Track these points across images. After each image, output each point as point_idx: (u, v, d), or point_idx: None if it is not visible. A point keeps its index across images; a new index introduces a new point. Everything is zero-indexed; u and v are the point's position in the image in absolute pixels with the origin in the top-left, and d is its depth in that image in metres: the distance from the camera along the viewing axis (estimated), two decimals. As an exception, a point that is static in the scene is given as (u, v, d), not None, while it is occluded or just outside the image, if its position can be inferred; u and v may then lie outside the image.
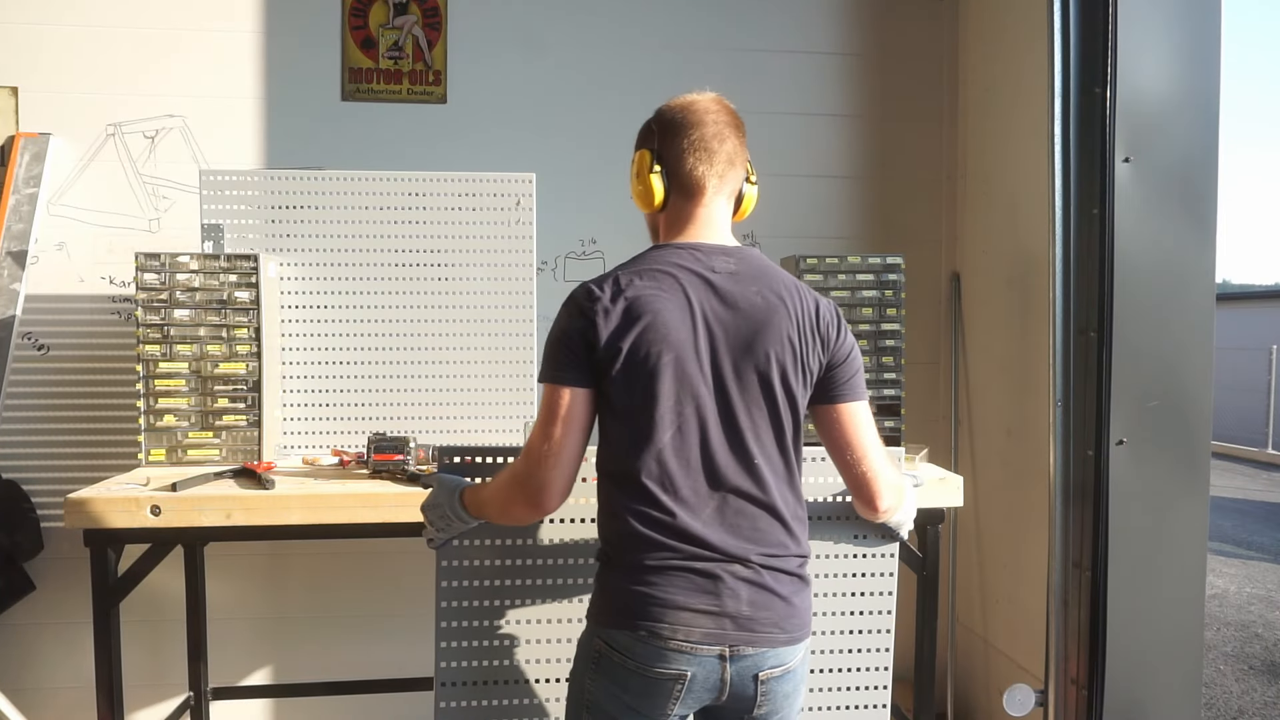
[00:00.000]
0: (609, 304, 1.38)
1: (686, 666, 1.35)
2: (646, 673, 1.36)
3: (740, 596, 1.36)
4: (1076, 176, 2.36)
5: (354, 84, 3.03)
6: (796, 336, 1.42)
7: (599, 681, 1.42)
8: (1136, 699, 2.34)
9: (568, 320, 1.41)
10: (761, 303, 1.41)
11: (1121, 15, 2.27)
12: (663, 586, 1.36)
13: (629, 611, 1.37)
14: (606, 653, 1.41)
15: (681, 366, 1.37)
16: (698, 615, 1.35)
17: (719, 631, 1.35)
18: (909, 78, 3.28)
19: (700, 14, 3.16)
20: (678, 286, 1.40)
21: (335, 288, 2.67)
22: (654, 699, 1.37)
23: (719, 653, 1.35)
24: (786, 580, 1.41)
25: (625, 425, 1.39)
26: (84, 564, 2.11)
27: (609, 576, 1.43)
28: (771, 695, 1.40)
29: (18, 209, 2.81)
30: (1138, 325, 2.31)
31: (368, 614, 3.07)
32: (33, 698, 2.90)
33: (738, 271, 1.43)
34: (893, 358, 2.66)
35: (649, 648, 1.35)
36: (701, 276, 1.41)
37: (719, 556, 1.36)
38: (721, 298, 1.40)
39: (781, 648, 1.39)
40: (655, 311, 1.37)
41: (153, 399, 2.43)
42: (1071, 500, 2.39)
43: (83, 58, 2.90)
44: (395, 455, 2.31)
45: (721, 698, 1.39)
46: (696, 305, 1.39)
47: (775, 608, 1.38)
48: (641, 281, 1.40)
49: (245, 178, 2.64)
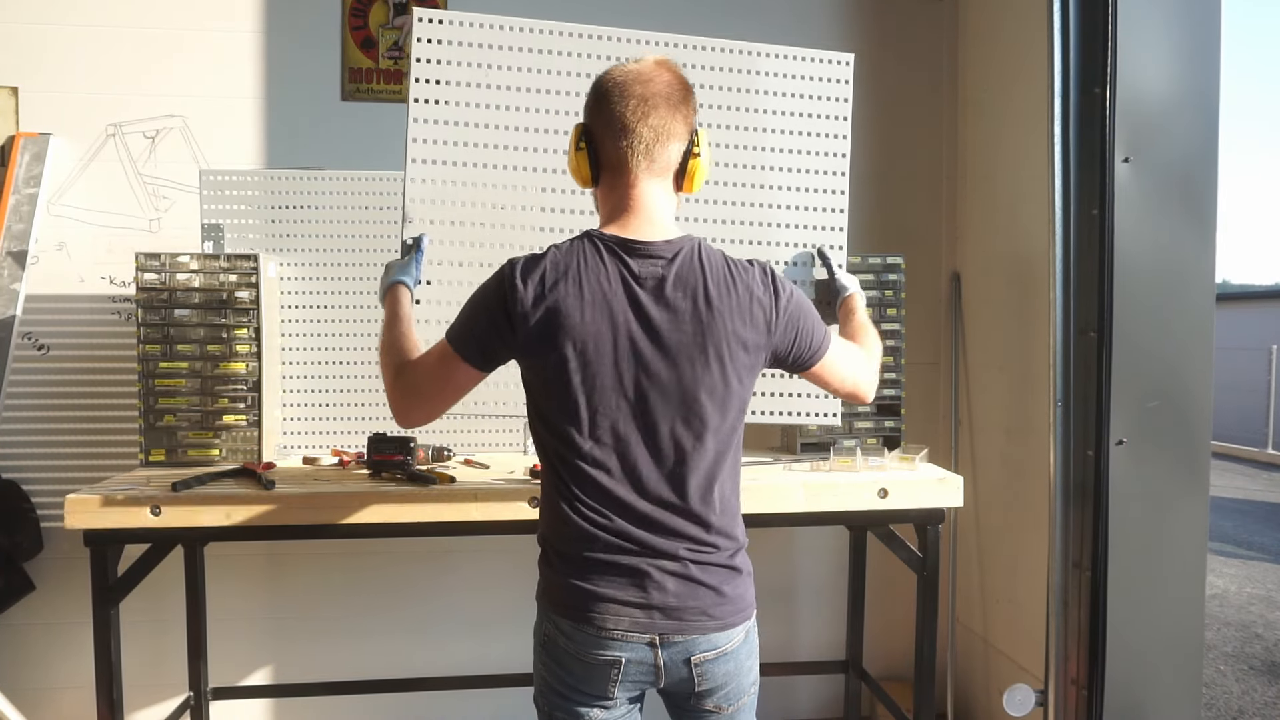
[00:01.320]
0: (529, 307, 1.39)
1: (620, 653, 1.43)
2: (584, 657, 1.44)
3: (667, 589, 1.43)
4: (1076, 176, 2.36)
5: (354, 84, 3.03)
6: (728, 338, 1.43)
7: (548, 664, 1.49)
8: (1136, 699, 2.34)
9: (492, 298, 1.43)
10: (689, 309, 1.41)
11: (1121, 15, 2.27)
12: (596, 580, 1.43)
13: (569, 603, 1.45)
14: (553, 635, 1.48)
15: (598, 378, 1.40)
16: (627, 607, 1.42)
17: (648, 621, 1.42)
18: (909, 78, 3.28)
19: (700, 14, 3.16)
20: (601, 297, 1.39)
21: (335, 288, 2.67)
22: (594, 681, 1.45)
23: (649, 640, 1.43)
24: (716, 571, 1.46)
25: (553, 426, 1.44)
26: (84, 564, 2.11)
27: (549, 568, 1.49)
28: (709, 675, 1.47)
29: (18, 209, 2.81)
30: (1138, 325, 2.31)
31: (368, 614, 3.07)
32: (33, 698, 2.90)
33: (664, 277, 1.42)
34: (893, 358, 2.66)
35: (586, 635, 1.43)
36: (627, 286, 1.41)
37: (647, 553, 1.43)
38: (646, 310, 1.40)
39: (712, 634, 1.46)
40: (574, 322, 1.38)
41: (153, 399, 2.43)
42: (1071, 500, 2.39)
43: (83, 58, 2.90)
44: (395, 455, 2.31)
45: (660, 681, 1.46)
46: (620, 318, 1.40)
47: (703, 597, 1.45)
48: (565, 286, 1.39)
49: (245, 178, 2.64)
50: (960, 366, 3.25)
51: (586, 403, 1.40)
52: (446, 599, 3.11)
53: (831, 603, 3.22)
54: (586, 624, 1.42)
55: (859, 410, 2.65)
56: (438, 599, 3.11)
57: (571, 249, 1.43)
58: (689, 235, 1.48)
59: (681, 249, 1.44)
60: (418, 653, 3.10)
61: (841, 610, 3.10)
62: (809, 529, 3.20)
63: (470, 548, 3.09)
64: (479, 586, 3.12)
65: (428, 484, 2.21)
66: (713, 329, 1.42)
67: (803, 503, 2.27)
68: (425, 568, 3.09)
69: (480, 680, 2.98)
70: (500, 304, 1.40)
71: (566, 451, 1.43)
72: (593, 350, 1.39)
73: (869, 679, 3.01)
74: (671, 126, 1.45)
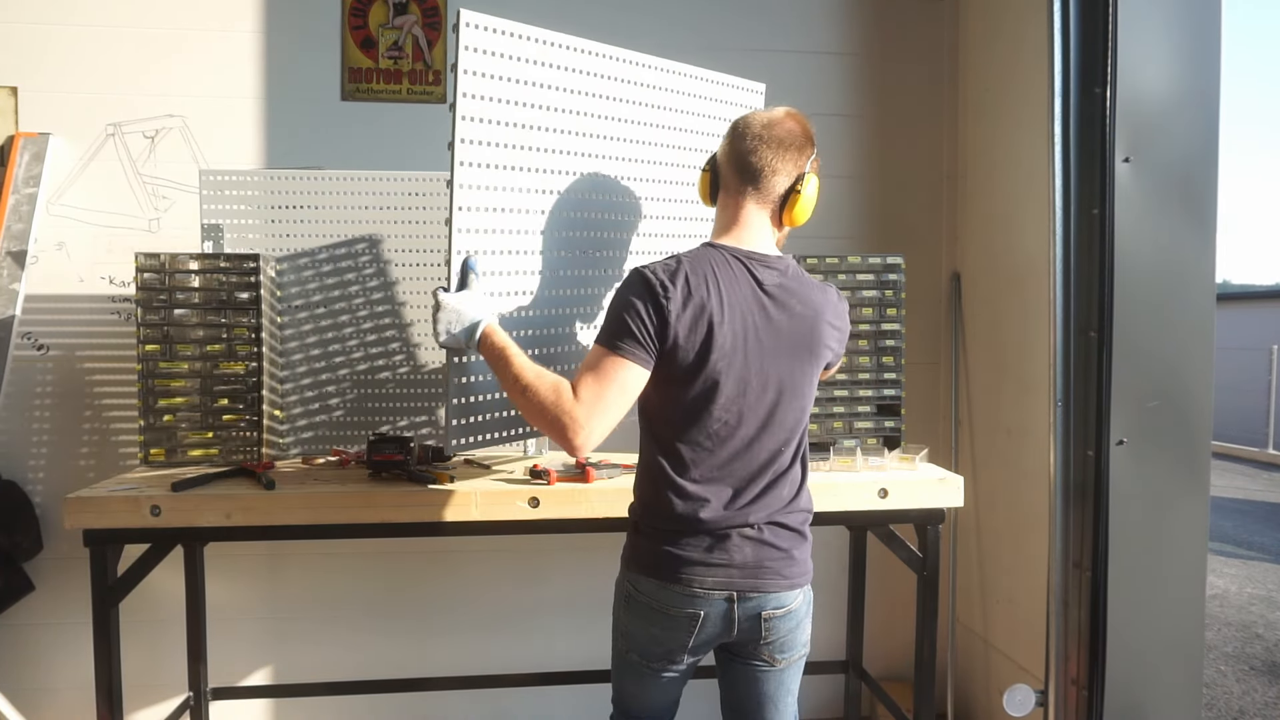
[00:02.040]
0: (680, 304, 1.57)
1: (700, 608, 1.64)
2: (667, 611, 1.65)
3: (745, 551, 1.64)
4: (1076, 176, 2.36)
5: (354, 84, 3.03)
6: (822, 341, 1.69)
7: (632, 618, 1.71)
8: (1136, 699, 2.34)
9: (645, 298, 1.58)
10: (802, 311, 1.66)
11: (1121, 15, 2.27)
12: (682, 545, 1.63)
13: (655, 564, 1.66)
14: (634, 594, 1.69)
15: (733, 369, 1.61)
16: (710, 568, 1.63)
17: (727, 580, 1.63)
18: (909, 78, 3.28)
19: (700, 14, 3.16)
20: (735, 297, 1.63)
21: (336, 288, 2.67)
22: (675, 633, 1.66)
23: (727, 596, 1.64)
24: (787, 536, 1.68)
25: (677, 413, 1.63)
26: (84, 564, 2.11)
27: (640, 536, 1.70)
28: (775, 630, 1.69)
29: (17, 209, 2.81)
30: (1138, 325, 2.31)
31: (368, 614, 3.07)
32: (33, 698, 2.90)
33: (782, 284, 1.67)
34: (893, 358, 2.66)
35: (669, 593, 1.64)
36: (755, 289, 1.65)
37: (734, 521, 1.63)
38: (768, 310, 1.65)
39: (783, 592, 1.68)
40: (716, 319, 1.59)
41: (153, 399, 2.43)
42: (1071, 500, 2.39)
43: (82, 58, 2.90)
44: (395, 455, 2.30)
45: (733, 633, 1.67)
46: (750, 316, 1.63)
47: (776, 560, 1.66)
48: (708, 286, 1.60)
49: (245, 178, 2.64)
50: (960, 366, 3.25)
51: (720, 390, 1.60)
52: (446, 599, 3.11)
53: (831, 603, 3.22)
54: (674, 583, 1.64)
55: (859, 410, 2.65)
56: (437, 599, 3.11)
57: (702, 254, 1.65)
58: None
59: (789, 264, 1.71)
60: (417, 653, 3.10)
61: (841, 610, 3.10)
62: (809, 529, 3.20)
63: (470, 548, 3.09)
64: (479, 587, 3.12)
65: (428, 484, 2.21)
66: (816, 333, 1.68)
67: (803, 503, 2.27)
68: (425, 568, 3.09)
69: (480, 680, 2.98)
70: (654, 301, 1.57)
71: (692, 433, 1.62)
72: (730, 343, 1.60)
73: (869, 679, 3.01)
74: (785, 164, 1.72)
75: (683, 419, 1.61)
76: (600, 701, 2.78)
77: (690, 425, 1.61)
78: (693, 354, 1.58)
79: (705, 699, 2.12)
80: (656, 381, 1.60)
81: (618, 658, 1.79)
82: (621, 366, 1.56)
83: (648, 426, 1.69)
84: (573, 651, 3.14)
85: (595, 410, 1.54)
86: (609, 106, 2.11)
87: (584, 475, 2.28)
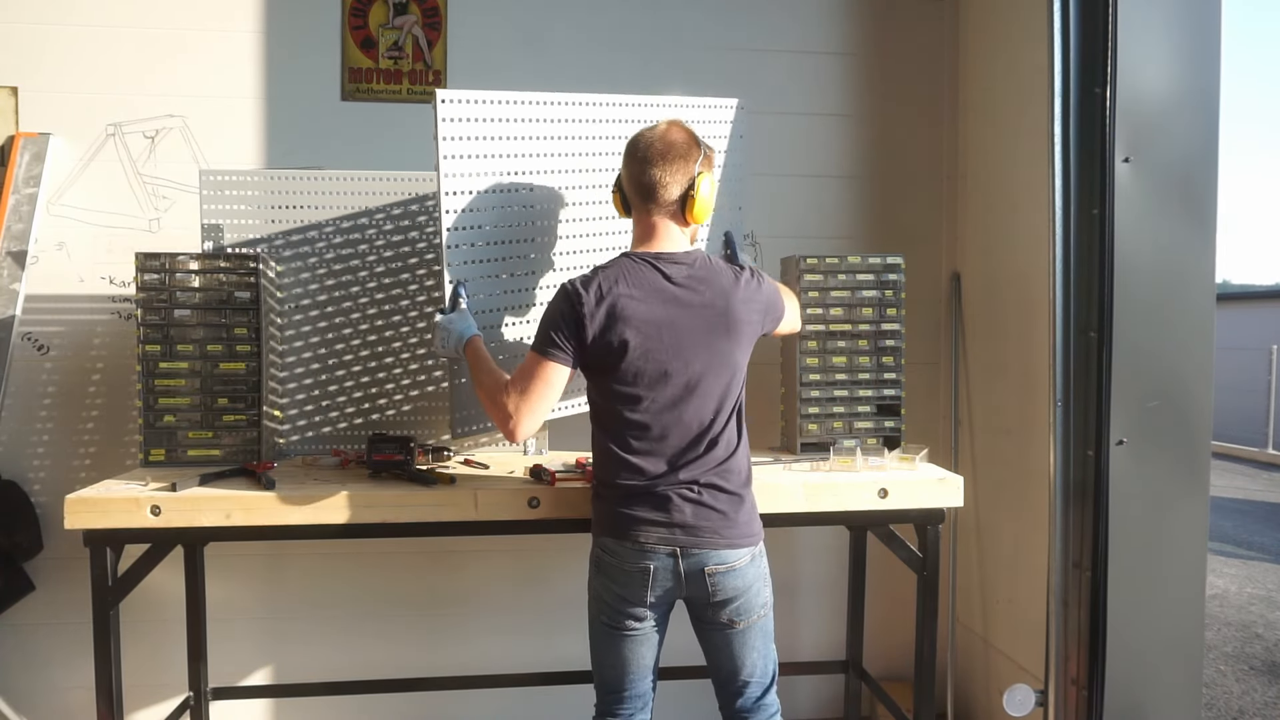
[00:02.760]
0: (594, 307, 1.85)
1: (650, 562, 1.87)
2: (624, 566, 1.89)
3: (685, 511, 1.87)
4: (1076, 176, 2.36)
5: (354, 84, 3.03)
6: (740, 318, 1.92)
7: (599, 579, 1.96)
8: (1136, 699, 2.34)
9: (565, 307, 1.88)
10: (711, 297, 1.89)
11: (1121, 15, 2.27)
12: (631, 506, 1.88)
13: (611, 524, 1.92)
14: (601, 556, 1.95)
15: (653, 352, 1.86)
16: (655, 526, 1.87)
17: (670, 536, 1.87)
18: (909, 78, 3.28)
19: (700, 13, 3.15)
20: (651, 288, 1.88)
21: (336, 288, 2.67)
22: (632, 588, 1.90)
23: (670, 551, 1.87)
24: (725, 499, 1.90)
25: (615, 395, 1.89)
26: (84, 564, 2.11)
27: (599, 502, 1.96)
28: (722, 587, 1.89)
29: (17, 209, 2.82)
30: (1138, 325, 2.31)
31: (368, 614, 3.07)
32: (33, 698, 2.90)
33: (690, 275, 1.91)
34: (893, 358, 2.66)
35: (624, 549, 1.89)
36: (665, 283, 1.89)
37: (672, 483, 1.87)
38: (681, 299, 1.88)
39: (722, 549, 1.88)
40: (631, 312, 1.85)
41: (153, 399, 2.43)
42: (1071, 500, 2.39)
43: (82, 58, 2.90)
44: (395, 455, 2.31)
45: (683, 588, 1.89)
46: (664, 307, 1.87)
47: (713, 519, 1.88)
48: (619, 288, 1.87)
49: (245, 178, 2.64)
50: (960, 366, 3.25)
51: (644, 372, 1.85)
52: (446, 599, 3.11)
53: (831, 603, 3.22)
54: (627, 540, 1.88)
55: (859, 410, 2.65)
56: (437, 599, 3.11)
57: (616, 262, 1.91)
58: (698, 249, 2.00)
59: (697, 257, 1.93)
60: (417, 653, 3.10)
61: (841, 610, 3.10)
62: (809, 529, 3.20)
63: (470, 548, 3.09)
64: (478, 586, 3.12)
65: (428, 484, 2.21)
66: (730, 312, 1.89)
67: (803, 503, 2.27)
68: (425, 568, 3.09)
69: (481, 680, 2.98)
70: (571, 307, 1.85)
71: (625, 412, 1.87)
72: (645, 331, 1.84)
73: (869, 679, 3.01)
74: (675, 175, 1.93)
75: (616, 399, 1.88)
76: (600, 701, 2.77)
77: (624, 404, 1.87)
78: (614, 344, 1.85)
79: (707, 699, 2.12)
80: (589, 372, 1.91)
81: (592, 627, 2.02)
82: (545, 366, 1.87)
83: (593, 411, 1.96)
84: (573, 651, 3.14)
85: (523, 404, 1.88)
86: (575, 149, 2.37)
87: (585, 475, 2.28)
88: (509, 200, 2.28)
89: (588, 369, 1.91)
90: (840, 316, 2.63)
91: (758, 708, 2.01)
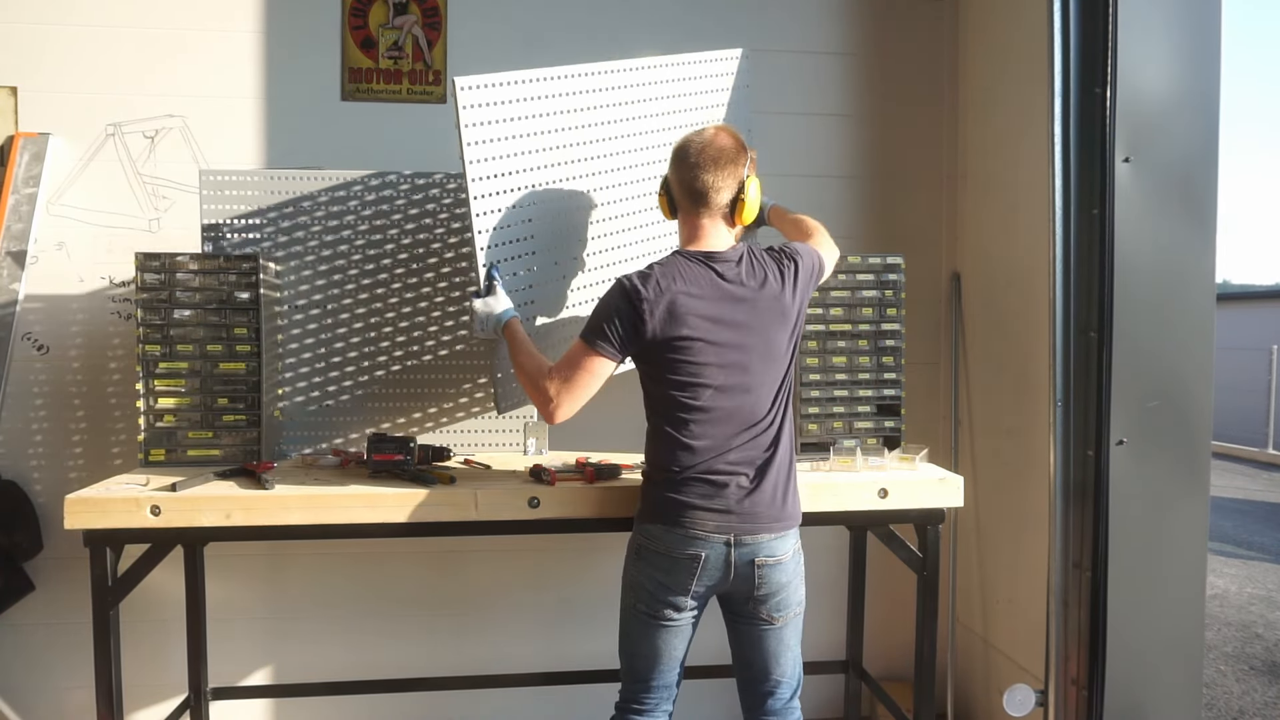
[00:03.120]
0: (653, 301, 1.88)
1: (701, 550, 1.88)
2: (671, 554, 1.89)
3: (740, 499, 1.89)
4: (1076, 176, 2.36)
5: (354, 84, 3.03)
6: (785, 302, 1.96)
7: (640, 566, 1.95)
8: (1136, 699, 2.34)
9: (622, 301, 1.90)
10: (759, 287, 1.94)
11: (1121, 15, 2.27)
12: (684, 493, 1.89)
13: (661, 511, 1.91)
14: (644, 544, 1.94)
15: (710, 349, 1.89)
16: (710, 513, 1.88)
17: (725, 524, 1.88)
18: (909, 78, 3.28)
19: (700, 13, 3.15)
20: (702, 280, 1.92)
21: (335, 288, 2.67)
22: (677, 576, 1.90)
23: (725, 540, 1.88)
24: (777, 488, 1.94)
25: (671, 384, 1.91)
26: (84, 564, 2.11)
27: (650, 486, 1.96)
28: (768, 580, 1.92)
29: (17, 209, 2.82)
30: (1138, 325, 2.31)
31: (367, 614, 3.07)
32: (33, 698, 2.90)
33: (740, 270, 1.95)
34: (893, 358, 2.66)
35: (674, 536, 1.89)
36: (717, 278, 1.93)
37: (728, 471, 1.89)
38: (734, 293, 1.92)
39: (774, 540, 1.92)
40: (688, 307, 1.89)
41: (153, 399, 2.43)
42: (1071, 500, 2.39)
43: (82, 58, 2.90)
44: (395, 455, 2.31)
45: (730, 578, 1.90)
46: (709, 294, 1.91)
47: (767, 506, 1.91)
48: (677, 284, 1.90)
49: (245, 178, 2.64)
50: (960, 366, 3.25)
51: (702, 366, 1.89)
52: (446, 599, 3.11)
53: (831, 603, 3.22)
54: (677, 527, 1.89)
55: (859, 410, 2.65)
56: (437, 599, 3.11)
57: (670, 261, 1.94)
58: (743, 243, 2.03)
59: (744, 253, 1.98)
60: (417, 653, 3.10)
61: (841, 610, 3.10)
62: (809, 529, 3.15)
63: (470, 548, 3.09)
64: (479, 587, 3.12)
65: (428, 484, 2.21)
66: (781, 301, 1.95)
67: (803, 502, 2.26)
68: (425, 568, 3.09)
69: (481, 680, 2.98)
70: (630, 304, 1.88)
71: (683, 398, 1.89)
72: (702, 326, 1.88)
73: (869, 679, 3.01)
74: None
75: (673, 388, 1.90)
76: (601, 701, 2.77)
77: (682, 392, 1.90)
78: (673, 340, 1.88)
79: (708, 700, 2.12)
80: (645, 364, 1.94)
81: (625, 615, 2.00)
82: (592, 359, 1.91)
83: (648, 399, 1.98)
84: (573, 651, 3.14)
85: (564, 391, 1.92)
86: (592, 119, 2.40)
87: (584, 475, 2.28)
88: (534, 183, 2.32)
89: (643, 361, 1.95)
90: (840, 316, 2.63)
91: (787, 710, 2.03)
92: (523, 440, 2.72)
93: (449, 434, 2.73)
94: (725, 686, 3.04)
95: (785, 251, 2.03)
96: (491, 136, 2.22)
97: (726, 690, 3.07)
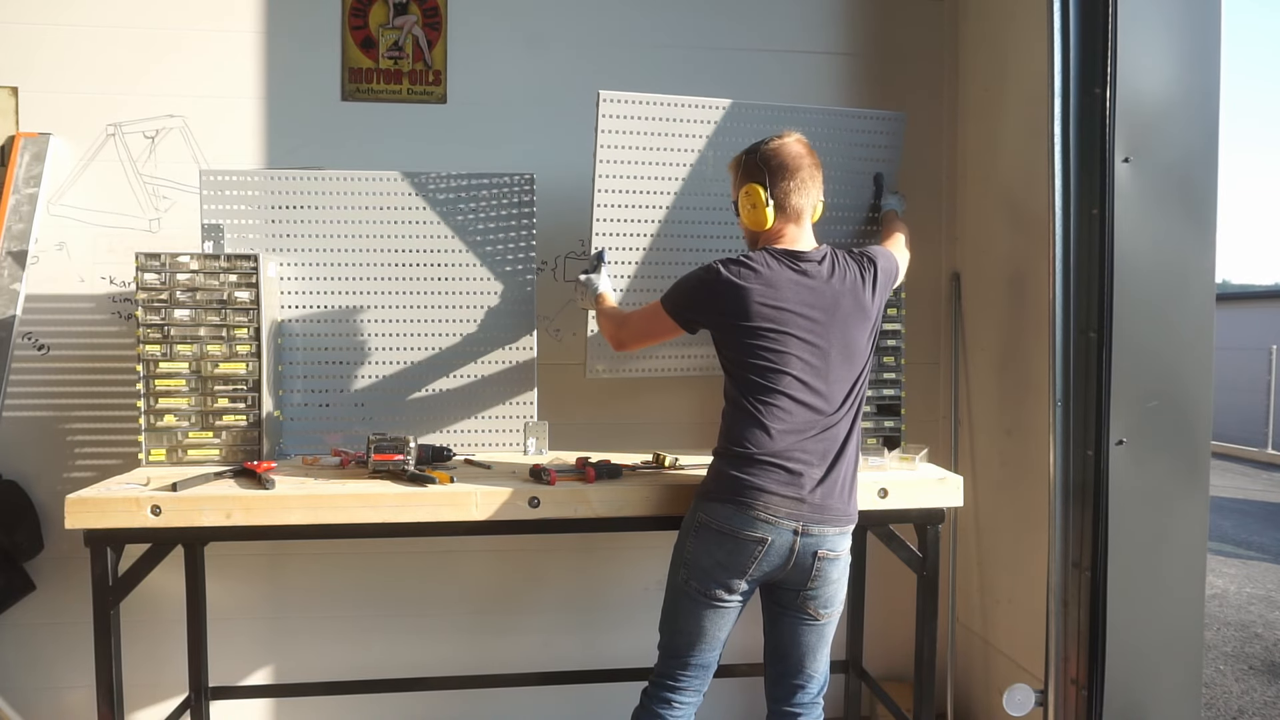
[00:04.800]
0: (737, 286, 1.98)
1: (768, 534, 1.92)
2: (736, 534, 1.93)
3: (814, 489, 1.95)
4: (1076, 176, 2.36)
5: (354, 84, 3.03)
6: (865, 301, 2.06)
7: (697, 542, 1.99)
8: (1136, 699, 2.35)
9: (710, 281, 2.02)
10: (841, 284, 2.03)
11: (1121, 15, 2.27)
12: (760, 476, 1.94)
13: (733, 491, 1.95)
14: (706, 522, 1.98)
15: (795, 337, 1.97)
16: (783, 499, 1.93)
17: (797, 512, 1.93)
18: (909, 78, 3.28)
19: (700, 13, 3.15)
20: (784, 276, 2.01)
21: (335, 288, 2.67)
22: (739, 557, 1.94)
23: (794, 527, 1.93)
24: (846, 483, 2.01)
25: (751, 368, 1.98)
26: (84, 564, 2.11)
27: (722, 462, 2.00)
28: (824, 574, 1.98)
29: (18, 209, 2.82)
30: (1138, 325, 2.31)
31: (368, 614, 3.08)
32: (33, 698, 2.90)
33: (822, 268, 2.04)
34: (893, 358, 2.66)
35: (743, 517, 1.93)
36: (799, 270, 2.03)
37: (803, 460, 1.95)
38: (814, 288, 2.01)
39: (838, 534, 1.98)
40: (768, 297, 1.98)
41: (153, 399, 2.43)
42: (1071, 500, 2.39)
43: (83, 58, 2.90)
44: (395, 455, 2.31)
45: (788, 566, 1.95)
46: (794, 289, 1.99)
47: (836, 501, 1.98)
48: (759, 275, 2.00)
49: (245, 178, 2.65)
50: (960, 366, 3.25)
51: (784, 357, 1.96)
52: (446, 599, 3.11)
53: (831, 603, 3.22)
54: (747, 508, 1.93)
55: (859, 410, 2.65)
56: (437, 599, 3.11)
57: (759, 255, 2.04)
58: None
59: (827, 253, 2.08)
60: (418, 653, 3.10)
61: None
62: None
63: (470, 548, 3.09)
64: (479, 587, 3.12)
65: (428, 484, 2.21)
66: (860, 300, 2.04)
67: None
68: (425, 568, 3.09)
69: (480, 680, 2.98)
70: (714, 288, 1.99)
71: (762, 381, 1.96)
72: (788, 319, 1.97)
73: (869, 679, 3.01)
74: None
75: (756, 374, 1.97)
76: (601, 701, 2.79)
77: (763, 379, 1.96)
78: (755, 327, 1.97)
79: (709, 702, 2.12)
80: (728, 346, 2.02)
81: (673, 591, 2.05)
82: (665, 321, 2.12)
83: (730, 381, 2.05)
84: (572, 651, 3.14)
85: (632, 337, 2.24)
86: (701, 148, 2.68)
87: (584, 475, 2.28)
88: (646, 189, 2.64)
89: (724, 346, 2.04)
90: (840, 316, 2.63)
91: (814, 705, 2.09)
92: (523, 440, 2.73)
93: (449, 434, 2.74)
94: (730, 687, 3.05)
95: (865, 254, 2.13)
96: (622, 144, 2.55)
97: (733, 691, 3.09)
